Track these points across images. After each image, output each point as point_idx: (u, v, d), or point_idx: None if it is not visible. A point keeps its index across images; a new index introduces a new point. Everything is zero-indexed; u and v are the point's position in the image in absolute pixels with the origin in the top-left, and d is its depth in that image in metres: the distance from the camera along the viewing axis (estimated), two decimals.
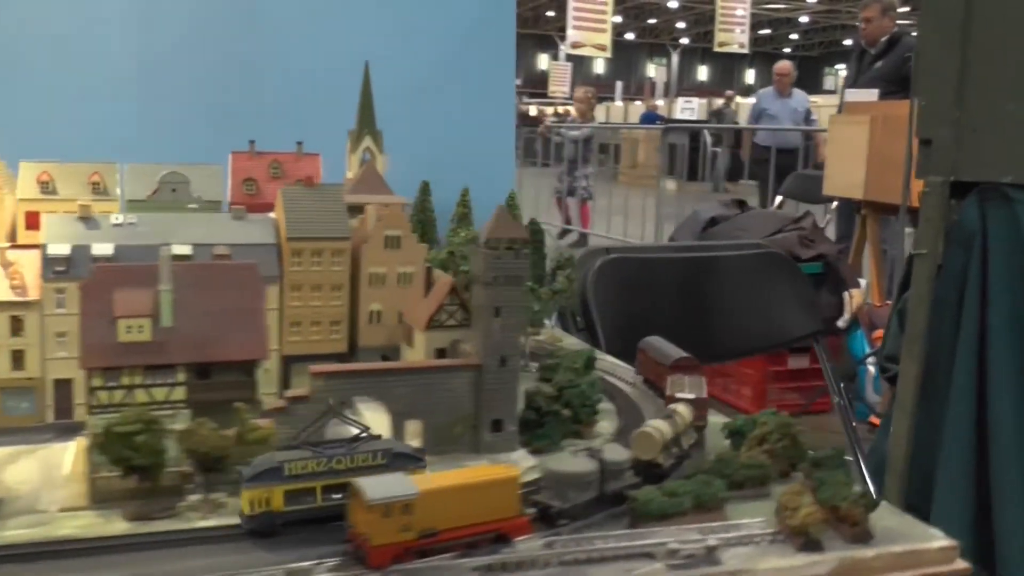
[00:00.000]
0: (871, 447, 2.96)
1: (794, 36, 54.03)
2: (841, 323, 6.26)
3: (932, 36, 2.70)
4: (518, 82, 61.30)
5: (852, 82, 8.72)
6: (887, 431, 2.79)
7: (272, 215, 2.05)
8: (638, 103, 34.84)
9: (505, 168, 3.36)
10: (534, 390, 1.86)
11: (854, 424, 3.00)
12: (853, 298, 6.19)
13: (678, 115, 27.79)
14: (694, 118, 26.72)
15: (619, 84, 43.85)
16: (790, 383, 6.37)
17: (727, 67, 54.23)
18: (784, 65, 12.26)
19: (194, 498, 1.53)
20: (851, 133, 6.28)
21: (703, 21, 39.98)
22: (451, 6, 3.32)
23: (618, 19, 41.90)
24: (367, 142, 2.29)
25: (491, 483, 1.46)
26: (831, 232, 8.73)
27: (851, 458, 3.00)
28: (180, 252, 1.88)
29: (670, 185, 17.94)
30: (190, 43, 3.02)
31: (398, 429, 1.69)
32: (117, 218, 1.96)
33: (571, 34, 25.63)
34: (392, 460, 1.57)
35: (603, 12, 25.88)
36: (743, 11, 27.34)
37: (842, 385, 2.96)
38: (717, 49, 28.25)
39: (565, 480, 1.52)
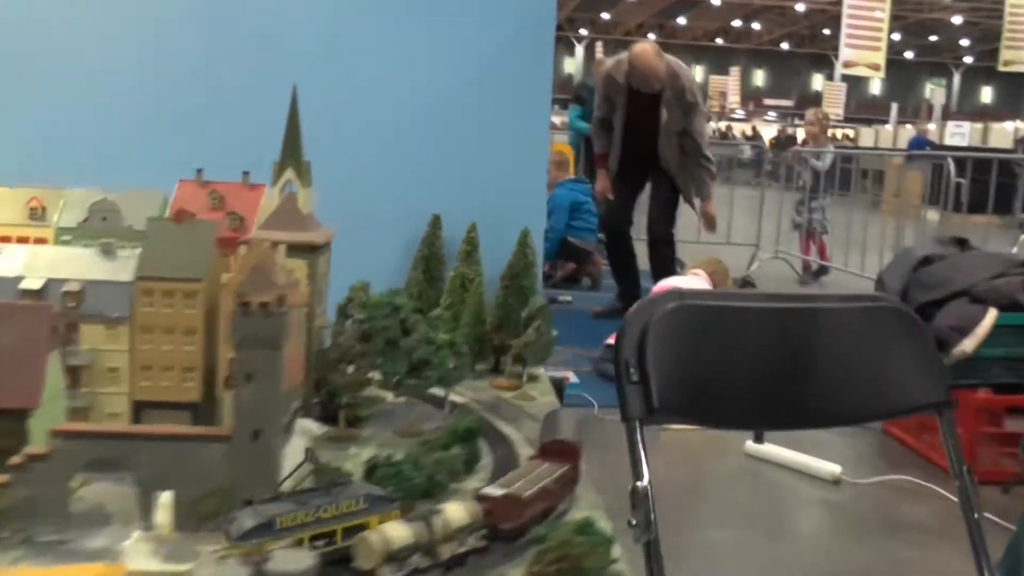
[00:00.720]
0: (1009, 544, 2.55)
1: None
2: None
3: None
4: (791, 103, 59.07)
5: None
6: None
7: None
8: (908, 127, 32.91)
9: (534, 200, 3.13)
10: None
11: (977, 516, 2.59)
12: None
13: (948, 140, 25.93)
14: (964, 144, 24.84)
15: (894, 106, 41.71)
16: (1006, 448, 5.67)
17: (1013, 89, 49.95)
18: None
19: None
20: None
21: (989, 38, 37.13)
22: (481, 27, 3.15)
23: (896, 36, 39.83)
24: (289, 174, 2.18)
25: None
26: None
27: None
28: (29, 287, 1.86)
29: (932, 216, 16.73)
30: (199, 68, 3.04)
31: (146, 499, 1.60)
32: None
33: (844, 52, 24.70)
34: (372, 504, 1.57)
35: (879, 29, 24.74)
36: None
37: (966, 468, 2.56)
38: (1002, 68, 26.23)
39: None
